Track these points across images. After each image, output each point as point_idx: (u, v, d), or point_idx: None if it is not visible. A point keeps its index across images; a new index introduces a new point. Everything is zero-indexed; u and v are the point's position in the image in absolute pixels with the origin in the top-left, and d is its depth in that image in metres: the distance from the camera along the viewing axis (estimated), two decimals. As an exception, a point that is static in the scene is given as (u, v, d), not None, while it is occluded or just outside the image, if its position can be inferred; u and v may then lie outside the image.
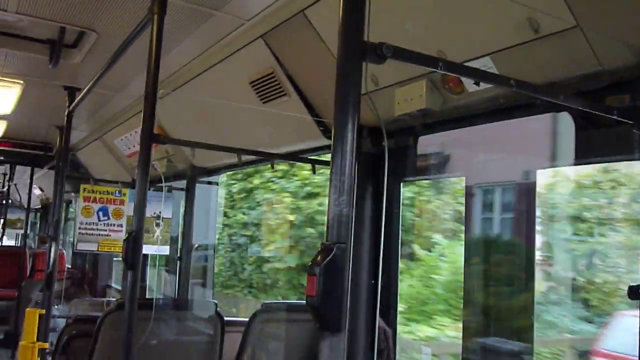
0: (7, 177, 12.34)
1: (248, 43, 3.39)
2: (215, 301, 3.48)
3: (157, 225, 5.21)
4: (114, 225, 5.26)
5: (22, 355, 5.14)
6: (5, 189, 13.22)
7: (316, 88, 3.35)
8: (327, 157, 3.78)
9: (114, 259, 8.97)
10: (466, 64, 2.38)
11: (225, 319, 3.47)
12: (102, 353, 3.12)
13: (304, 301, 1.31)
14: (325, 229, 1.35)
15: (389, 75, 2.90)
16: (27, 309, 5.97)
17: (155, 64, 2.54)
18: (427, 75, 2.77)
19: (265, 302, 3.53)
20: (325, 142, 3.58)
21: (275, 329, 3.53)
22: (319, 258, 1.29)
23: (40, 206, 15.42)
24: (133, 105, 5.40)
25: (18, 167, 11.14)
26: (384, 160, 3.13)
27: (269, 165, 3.32)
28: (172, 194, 5.53)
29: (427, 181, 6.02)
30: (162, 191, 5.32)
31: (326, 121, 3.40)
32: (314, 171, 3.24)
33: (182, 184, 5.54)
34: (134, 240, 2.44)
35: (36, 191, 13.18)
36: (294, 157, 3.88)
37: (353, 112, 1.37)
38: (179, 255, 5.42)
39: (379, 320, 3.12)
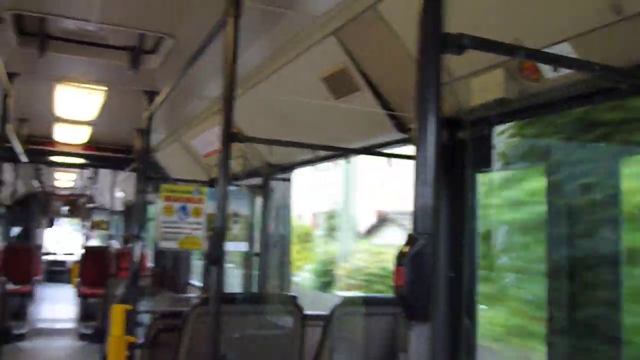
0: (93, 181, 12.95)
1: (319, 40, 3.43)
2: (295, 295, 3.55)
3: (235, 222, 5.33)
4: (193, 223, 5.42)
5: (112, 349, 5.39)
6: (90, 192, 13.89)
7: (389, 82, 3.35)
8: (401, 150, 3.78)
9: (194, 257, 9.26)
10: (544, 50, 2.33)
11: (305, 312, 3.53)
12: (189, 346, 3.23)
13: (383, 294, 1.33)
14: (412, 220, 1.36)
15: (462, 66, 2.87)
16: (114, 305, 6.24)
17: (232, 65, 2.61)
18: (504, 64, 2.72)
19: (345, 295, 3.57)
20: (399, 135, 3.58)
21: (356, 322, 3.56)
22: (405, 249, 1.31)
23: (123, 208, 16.06)
24: (209, 106, 5.56)
25: (102, 171, 11.67)
26: (459, 151, 3.10)
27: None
28: (247, 191, 5.65)
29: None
30: (238, 189, 5.45)
31: (400, 114, 3.40)
32: (389, 164, 3.25)
33: (255, 181, 5.66)
34: (217, 237, 2.52)
35: (119, 194, 13.75)
36: (368, 151, 3.89)
37: (435, 104, 1.38)
38: (257, 251, 5.54)
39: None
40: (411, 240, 1.31)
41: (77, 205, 17.80)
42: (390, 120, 3.46)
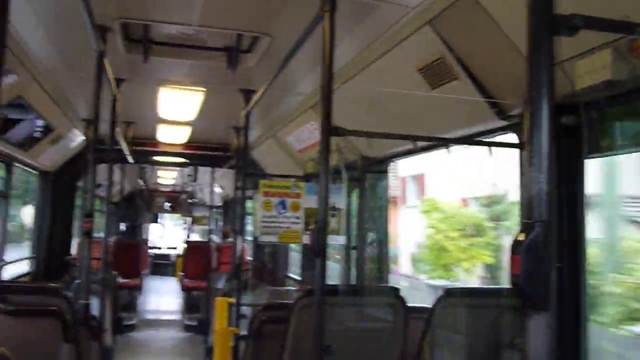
0: (192, 178, 13.47)
1: (415, 31, 3.40)
2: (397, 287, 3.54)
3: (333, 215, 5.39)
4: (292, 217, 5.50)
5: (217, 340, 5.59)
6: (190, 189, 14.45)
7: (488, 69, 3.27)
8: (501, 139, 3.68)
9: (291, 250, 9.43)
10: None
11: (408, 305, 3.51)
12: (295, 337, 3.30)
13: (488, 286, 1.30)
14: (523, 207, 1.34)
15: (567, 48, 2.76)
16: (217, 298, 6.47)
17: (329, 59, 2.63)
18: (612, 44, 2.59)
19: (448, 287, 3.52)
20: (500, 123, 3.50)
21: (460, 314, 3.50)
22: (521, 237, 1.29)
23: (221, 203, 16.58)
24: (304, 102, 5.64)
25: (201, 168, 12.10)
26: (566, 137, 2.99)
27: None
28: (343, 185, 5.68)
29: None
30: (335, 183, 5.49)
31: (500, 101, 3.31)
32: (490, 153, 3.17)
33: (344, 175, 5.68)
34: (319, 230, 2.56)
35: (217, 190, 14.22)
36: (468, 140, 3.82)
37: (548, 88, 1.34)
38: (354, 244, 5.58)
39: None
40: (526, 228, 1.29)
41: (179, 202, 18.59)
42: (490, 108, 3.38)
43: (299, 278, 8.54)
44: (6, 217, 6.96)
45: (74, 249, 9.08)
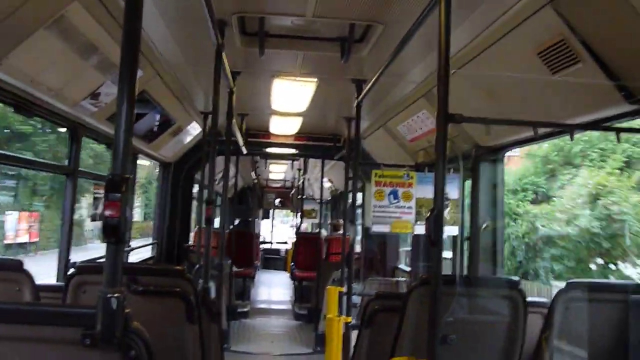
0: (302, 171, 13.73)
1: (534, 12, 3.25)
2: (516, 279, 3.42)
3: (445, 206, 5.31)
4: (404, 207, 5.48)
5: (329, 328, 5.67)
6: (300, 182, 14.75)
7: (615, 50, 3.07)
8: (631, 124, 3.46)
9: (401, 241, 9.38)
10: None
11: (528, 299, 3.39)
12: (409, 326, 3.28)
13: (611, 280, 1.21)
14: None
15: None
16: (328, 287, 6.57)
17: (446, 45, 2.56)
18: None
19: (570, 281, 3.36)
20: (629, 107, 3.28)
21: (581, 310, 3.34)
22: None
23: (330, 197, 16.81)
24: (415, 90, 5.57)
25: (310, 162, 12.29)
26: None
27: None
28: (456, 174, 5.57)
29: None
30: (448, 172, 5.40)
31: (630, 85, 3.10)
32: (618, 139, 2.98)
33: (461, 164, 5.56)
34: (435, 219, 2.52)
35: (326, 184, 14.42)
36: (594, 126, 3.62)
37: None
38: (467, 235, 5.45)
39: None
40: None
41: (288, 197, 19.05)
42: (617, 92, 3.18)
43: (408, 269, 8.48)
44: (132, 206, 7.41)
45: (191, 239, 9.55)
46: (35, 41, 3.26)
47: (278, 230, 24.24)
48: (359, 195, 9.45)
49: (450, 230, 5.44)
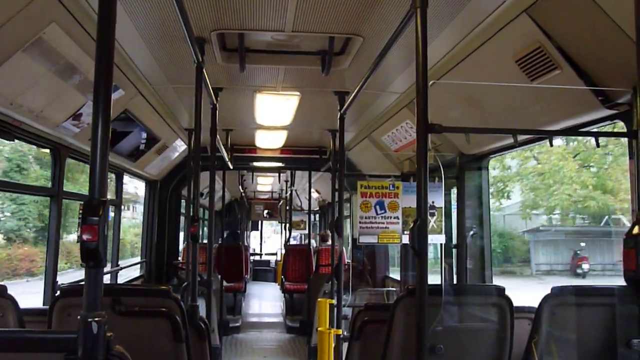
0: (289, 183, 13.74)
1: (511, 20, 3.29)
2: (503, 286, 3.43)
3: (432, 215, 5.33)
4: (390, 217, 5.49)
5: (320, 340, 5.65)
6: (288, 194, 14.75)
7: (592, 56, 3.11)
8: (609, 128, 3.49)
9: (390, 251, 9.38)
10: None
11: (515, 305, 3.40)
12: (397, 337, 3.28)
13: (596, 284, 1.22)
14: (636, 198, 1.26)
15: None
16: (319, 299, 6.54)
17: (423, 56, 2.58)
18: None
19: (555, 285, 3.37)
20: (606, 112, 3.32)
21: (568, 314, 3.35)
22: (635, 230, 1.21)
23: (318, 208, 16.80)
24: (398, 101, 5.60)
25: (297, 173, 12.29)
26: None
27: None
28: (441, 183, 5.60)
29: None
30: (432, 181, 5.42)
31: (607, 89, 3.14)
32: (597, 144, 3.01)
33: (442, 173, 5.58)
34: (419, 229, 2.52)
35: (314, 194, 14.42)
36: (573, 131, 3.65)
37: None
38: (454, 242, 5.47)
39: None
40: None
41: (276, 208, 19.02)
42: (595, 97, 3.22)
43: (398, 278, 8.48)
44: (119, 224, 7.38)
45: (181, 255, 9.50)
46: (14, 64, 3.24)
47: (269, 241, 24.17)
48: (347, 206, 9.46)
49: (437, 239, 5.45)
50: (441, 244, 5.65)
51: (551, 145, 2.99)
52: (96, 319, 1.64)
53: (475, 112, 4.47)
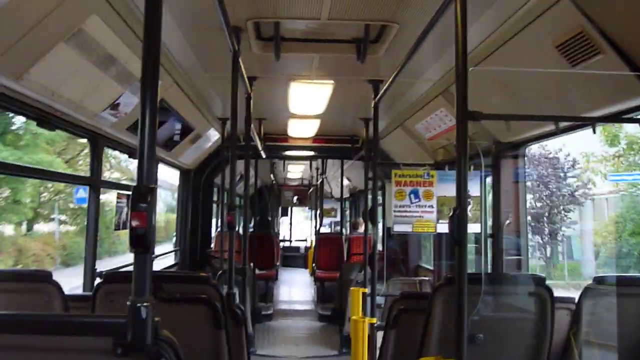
0: (320, 171, 13.75)
1: (552, 5, 3.23)
2: (543, 275, 3.39)
3: (468, 203, 5.27)
4: (425, 206, 5.47)
5: (354, 329, 5.66)
6: (319, 182, 14.77)
7: (637, 41, 3.03)
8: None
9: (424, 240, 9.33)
10: None
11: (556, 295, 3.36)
12: (435, 326, 3.27)
13: (637, 274, 1.19)
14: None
15: None
16: (352, 288, 6.56)
17: (463, 42, 2.55)
18: None
19: (597, 275, 3.33)
20: (651, 98, 3.25)
21: (610, 304, 3.30)
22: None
23: (349, 195, 16.77)
24: (432, 89, 5.55)
25: (329, 161, 12.29)
26: None
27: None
28: (478, 172, 5.54)
29: None
30: (469, 170, 5.37)
31: (653, 75, 3.07)
32: (641, 131, 2.95)
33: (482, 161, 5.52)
34: (458, 218, 2.51)
35: (345, 182, 14.41)
36: (616, 118, 3.57)
37: None
38: (490, 232, 5.42)
39: None
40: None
41: (306, 195, 19.07)
42: (639, 82, 3.14)
43: (431, 268, 8.45)
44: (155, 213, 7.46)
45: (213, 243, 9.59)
46: (55, 55, 3.30)
47: (299, 227, 24.18)
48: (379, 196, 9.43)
49: (472, 228, 5.40)
50: (477, 233, 5.60)
51: (594, 132, 2.93)
52: (145, 304, 1.67)
53: (513, 99, 4.41)
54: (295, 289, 15.10)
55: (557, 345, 3.51)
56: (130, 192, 1.74)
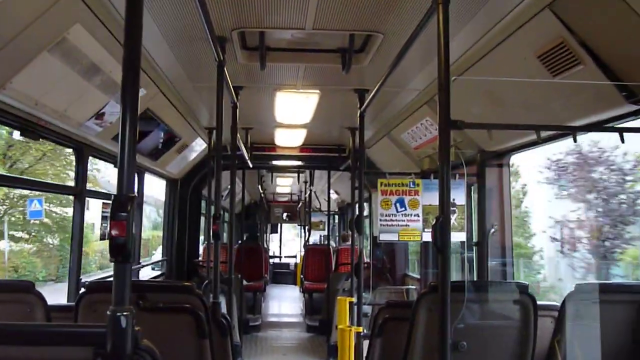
0: (308, 183, 13.77)
1: (533, 16, 3.27)
2: (526, 283, 3.41)
3: (452, 212, 5.29)
4: (411, 215, 5.48)
5: (341, 338, 5.65)
6: (307, 195, 14.78)
7: (616, 51, 3.08)
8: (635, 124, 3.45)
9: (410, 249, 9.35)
10: None
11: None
12: (419, 333, 3.28)
13: (619, 281, 1.21)
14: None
15: None
16: (339, 297, 6.56)
17: (445, 52, 2.58)
18: None
19: (578, 283, 3.35)
20: (630, 108, 3.29)
21: (592, 312, 3.32)
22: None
23: (337, 209, 16.80)
24: (418, 98, 5.59)
25: (316, 174, 12.29)
26: None
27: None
28: (461, 180, 5.57)
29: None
30: (453, 179, 5.40)
31: (630, 85, 3.11)
32: (622, 140, 2.97)
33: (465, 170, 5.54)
34: (441, 226, 2.52)
35: (333, 195, 14.39)
36: (597, 127, 3.61)
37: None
38: (475, 240, 5.44)
39: None
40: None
41: (296, 211, 19.09)
42: (619, 92, 3.19)
43: (417, 276, 8.47)
44: (141, 223, 7.44)
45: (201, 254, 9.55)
46: (39, 64, 3.29)
47: (288, 244, 24.17)
48: (366, 205, 9.45)
49: (457, 237, 5.42)
50: (462, 242, 5.62)
51: (575, 141, 2.96)
52: (124, 313, 1.66)
53: (496, 109, 4.44)
54: (284, 302, 15.09)
55: (541, 352, 3.52)
56: None
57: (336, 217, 18.60)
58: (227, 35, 4.10)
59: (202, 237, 10.24)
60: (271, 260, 18.48)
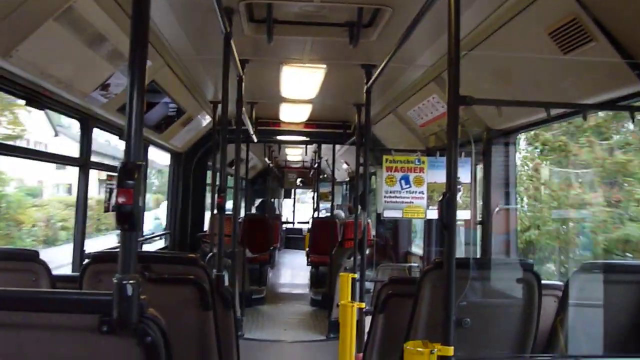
0: (317, 154, 13.75)
1: (546, -10, 3.22)
2: (532, 261, 3.40)
3: (458, 190, 5.28)
4: (415, 192, 5.47)
5: (342, 314, 5.68)
6: (316, 165, 14.75)
7: (629, 29, 3.03)
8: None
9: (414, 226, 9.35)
10: None
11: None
12: (423, 309, 3.28)
13: (626, 260, 1.20)
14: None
15: None
16: (341, 273, 6.56)
17: (456, 27, 2.54)
18: None
19: (585, 262, 3.34)
20: (643, 86, 3.25)
21: (596, 291, 3.32)
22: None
23: (348, 179, 16.72)
24: (425, 75, 5.54)
25: (324, 145, 12.25)
26: None
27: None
28: (467, 158, 5.55)
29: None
30: (460, 157, 5.37)
31: (643, 63, 3.07)
32: (632, 119, 2.94)
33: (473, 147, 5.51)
34: (447, 202, 2.50)
35: (344, 165, 14.32)
36: (608, 106, 3.57)
37: None
38: (480, 219, 5.44)
39: None
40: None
41: (309, 177, 19.03)
42: (631, 71, 3.14)
43: (421, 253, 8.48)
44: (145, 195, 7.43)
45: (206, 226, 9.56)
46: (44, 33, 3.26)
47: (303, 208, 24.08)
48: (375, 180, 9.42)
49: (462, 215, 5.41)
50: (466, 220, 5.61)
51: (585, 119, 2.93)
52: (131, 281, 1.66)
53: (505, 86, 4.40)
54: (294, 271, 15.06)
55: (544, 331, 3.53)
56: None
57: (346, 187, 18.52)
58: (234, 7, 4.05)
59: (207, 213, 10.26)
60: (284, 226, 18.48)
